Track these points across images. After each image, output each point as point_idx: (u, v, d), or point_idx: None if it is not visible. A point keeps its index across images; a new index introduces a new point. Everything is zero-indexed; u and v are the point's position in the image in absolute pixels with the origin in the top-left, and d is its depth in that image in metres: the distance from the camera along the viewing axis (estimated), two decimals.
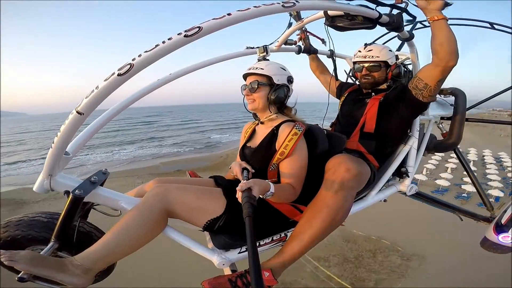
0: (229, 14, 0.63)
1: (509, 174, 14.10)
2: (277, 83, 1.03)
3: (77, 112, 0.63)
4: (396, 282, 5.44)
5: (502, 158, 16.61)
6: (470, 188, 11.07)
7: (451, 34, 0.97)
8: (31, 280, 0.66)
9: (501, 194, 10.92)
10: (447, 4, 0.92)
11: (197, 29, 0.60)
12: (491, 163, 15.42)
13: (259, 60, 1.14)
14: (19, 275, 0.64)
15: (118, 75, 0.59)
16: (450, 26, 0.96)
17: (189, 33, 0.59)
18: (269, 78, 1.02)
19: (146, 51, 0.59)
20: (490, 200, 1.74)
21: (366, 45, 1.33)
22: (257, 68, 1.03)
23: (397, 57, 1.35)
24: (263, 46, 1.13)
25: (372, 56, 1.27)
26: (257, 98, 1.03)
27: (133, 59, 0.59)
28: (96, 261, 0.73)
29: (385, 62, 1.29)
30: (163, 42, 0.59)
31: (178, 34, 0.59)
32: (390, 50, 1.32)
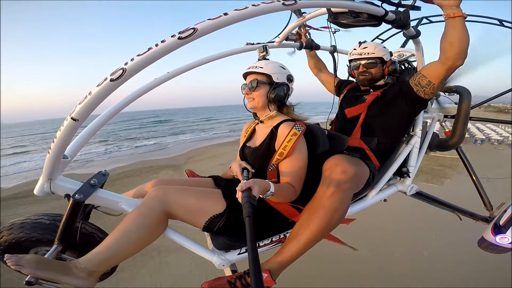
0: (225, 14, 0.59)
1: None
2: (277, 82, 1.01)
3: (71, 118, 0.61)
4: None
5: None
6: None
7: (465, 33, 0.92)
8: (38, 283, 0.68)
9: None
10: None
11: (192, 30, 0.57)
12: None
13: (259, 60, 1.11)
14: (26, 279, 0.66)
15: (111, 80, 0.57)
16: None
17: (183, 35, 0.56)
18: (268, 76, 1.01)
19: (139, 55, 0.57)
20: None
21: (360, 43, 1.32)
22: (256, 67, 1.01)
23: (391, 53, 1.34)
24: (262, 45, 1.10)
25: (368, 53, 1.27)
26: (257, 96, 1.02)
27: (126, 64, 0.57)
28: (99, 263, 0.74)
29: (381, 58, 1.28)
30: (156, 45, 0.57)
31: (171, 36, 0.57)
32: (385, 47, 1.30)
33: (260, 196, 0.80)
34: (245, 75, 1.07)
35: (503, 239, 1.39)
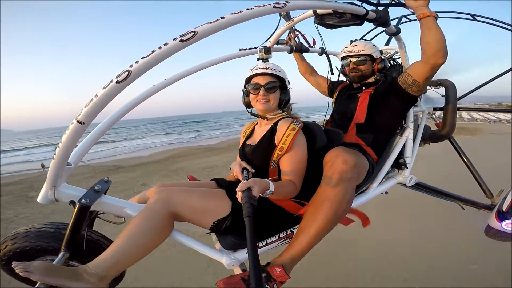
0: (222, 18, 0.64)
1: None
2: (287, 85, 1.10)
3: (77, 121, 0.63)
4: None
5: None
6: None
7: (438, 32, 0.97)
8: None
9: None
10: None
11: (192, 33, 0.61)
12: None
13: (258, 60, 1.16)
14: (36, 286, 0.65)
15: (117, 82, 0.60)
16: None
17: (184, 38, 0.61)
18: (281, 80, 1.07)
19: (143, 57, 0.60)
20: None
21: (351, 41, 1.40)
22: (274, 69, 1.06)
23: (381, 52, 1.42)
24: (266, 48, 1.15)
25: (358, 51, 1.34)
26: (272, 98, 1.06)
27: (131, 66, 0.60)
28: (108, 268, 0.73)
29: (370, 56, 1.34)
30: (159, 47, 0.60)
31: (173, 39, 0.61)
32: (374, 45, 1.38)
33: (260, 195, 0.81)
34: (253, 76, 1.06)
35: (509, 224, 1.38)
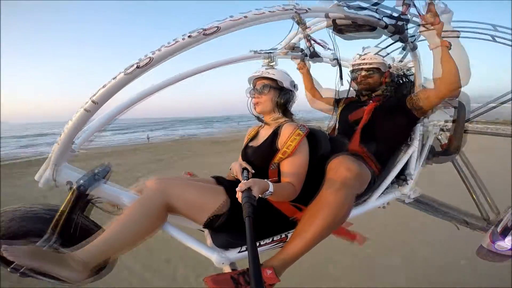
0: (245, 16, 0.66)
1: None
2: (285, 87, 1.08)
3: (92, 101, 0.63)
4: None
5: None
6: None
7: (451, 65, 0.93)
8: (30, 274, 0.64)
9: None
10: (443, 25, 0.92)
11: (216, 28, 0.63)
12: None
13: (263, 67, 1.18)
14: (20, 270, 0.63)
15: (138, 67, 0.61)
16: (445, 38, 0.95)
17: (208, 32, 0.62)
18: (277, 82, 1.07)
19: (166, 46, 0.61)
20: None
21: (360, 55, 1.42)
22: (268, 72, 1.07)
23: (389, 66, 1.43)
24: (269, 54, 1.17)
25: (366, 63, 1.37)
26: (266, 101, 1.07)
27: (153, 53, 0.61)
28: (96, 256, 0.71)
29: (379, 69, 1.37)
30: (183, 38, 0.62)
31: (197, 32, 0.62)
32: (383, 58, 1.39)
33: (260, 195, 0.80)
34: (253, 80, 1.12)
35: (502, 245, 1.38)
